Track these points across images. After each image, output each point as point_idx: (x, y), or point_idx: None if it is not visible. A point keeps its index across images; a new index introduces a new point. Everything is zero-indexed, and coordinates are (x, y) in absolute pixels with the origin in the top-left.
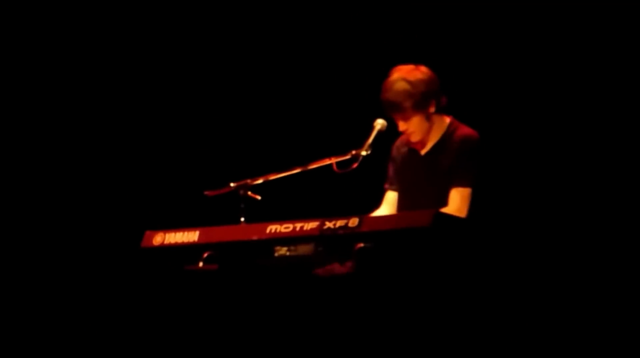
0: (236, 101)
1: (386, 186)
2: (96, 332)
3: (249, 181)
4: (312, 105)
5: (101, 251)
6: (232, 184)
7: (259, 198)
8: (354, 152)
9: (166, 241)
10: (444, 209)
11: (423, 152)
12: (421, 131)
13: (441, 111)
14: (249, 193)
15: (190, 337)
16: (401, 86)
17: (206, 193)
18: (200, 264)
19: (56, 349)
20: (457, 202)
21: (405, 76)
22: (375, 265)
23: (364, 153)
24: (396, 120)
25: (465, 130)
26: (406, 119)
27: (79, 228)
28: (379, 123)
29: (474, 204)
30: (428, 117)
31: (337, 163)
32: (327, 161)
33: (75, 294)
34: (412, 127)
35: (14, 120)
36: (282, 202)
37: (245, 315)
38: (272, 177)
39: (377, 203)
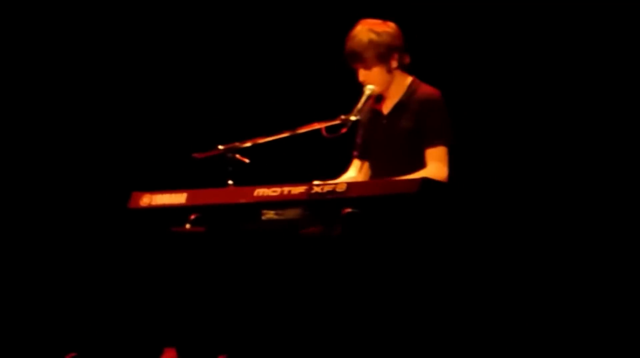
0: (227, 65)
1: (354, 153)
2: (84, 291)
3: (237, 144)
4: (302, 69)
5: (89, 211)
6: (220, 147)
7: (247, 161)
8: (343, 117)
9: (153, 203)
10: (422, 171)
11: (385, 111)
12: (380, 83)
13: (404, 69)
14: (237, 156)
15: (177, 298)
16: (365, 35)
17: (194, 155)
18: (188, 226)
19: (44, 308)
20: (433, 162)
21: (370, 26)
22: (362, 230)
23: (353, 118)
24: (357, 69)
25: (425, 89)
26: (367, 67)
27: (67, 187)
28: (369, 88)
29: (458, 172)
30: (389, 71)
31: (326, 128)
32: (316, 126)
33: (63, 253)
34: (372, 77)
35: None
36: (270, 166)
37: (231, 278)
38: (261, 140)
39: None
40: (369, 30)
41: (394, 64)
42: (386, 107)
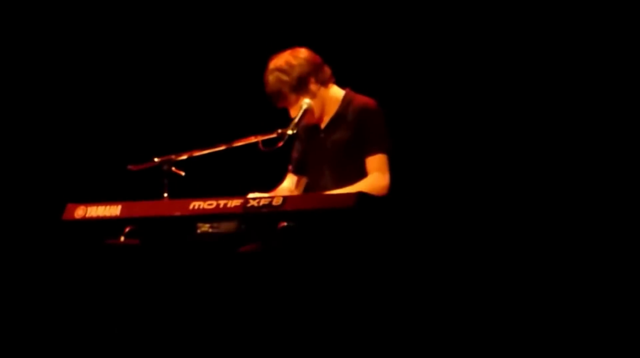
0: (165, 76)
1: (289, 167)
2: (16, 304)
3: (173, 156)
4: (240, 82)
5: (23, 222)
6: (156, 159)
7: (182, 173)
8: (279, 131)
9: (88, 215)
10: (362, 181)
11: (322, 126)
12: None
13: (333, 82)
14: (173, 168)
15: (109, 311)
16: (274, 76)
17: (130, 167)
18: (122, 238)
19: None
20: (374, 171)
21: (276, 65)
22: (298, 244)
23: (289, 131)
24: (286, 108)
25: (360, 99)
26: (291, 104)
27: (2, 199)
28: (306, 102)
29: (397, 186)
30: (315, 95)
31: (263, 141)
32: (252, 139)
33: None
34: (299, 109)
35: None
36: (206, 179)
37: (165, 291)
38: (197, 153)
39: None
40: (274, 71)
41: (314, 87)
42: (323, 122)
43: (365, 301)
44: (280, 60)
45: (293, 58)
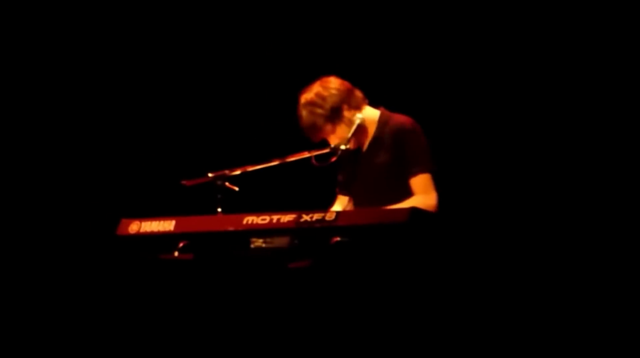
0: (218, 91)
1: (337, 190)
2: (72, 319)
3: (227, 171)
4: (293, 98)
5: (78, 238)
6: (210, 175)
7: (236, 189)
8: (332, 145)
9: (142, 230)
10: (409, 201)
11: (363, 149)
12: (350, 139)
13: (367, 104)
14: (227, 183)
15: (165, 326)
16: (307, 110)
17: (183, 182)
18: (176, 253)
19: (33, 337)
20: (419, 191)
21: (307, 99)
22: (351, 260)
23: (342, 146)
24: (325, 139)
25: (396, 119)
26: (328, 134)
27: (57, 214)
28: (359, 117)
29: (447, 199)
30: (350, 122)
31: (316, 156)
32: (305, 154)
33: (51, 281)
34: (340, 137)
35: None
36: (259, 194)
37: (219, 307)
38: (250, 168)
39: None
40: (307, 105)
41: (348, 114)
42: (364, 145)
43: (417, 315)
44: (311, 93)
45: (323, 89)
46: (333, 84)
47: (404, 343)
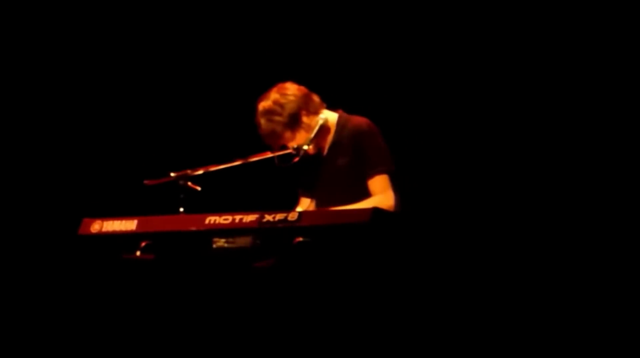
0: (182, 91)
1: (299, 191)
2: (31, 319)
3: (189, 171)
4: (253, 98)
5: (39, 237)
6: (172, 174)
7: (198, 188)
8: (295, 146)
9: (104, 229)
10: (367, 201)
11: (324, 153)
12: (312, 141)
13: (325, 108)
14: (189, 183)
15: (126, 327)
16: (265, 119)
17: (146, 182)
18: (138, 253)
19: None
20: (377, 191)
21: (265, 107)
22: (314, 260)
23: (305, 147)
24: (284, 145)
25: (354, 121)
26: (288, 140)
27: (18, 214)
28: (321, 118)
29: (406, 199)
30: (309, 127)
31: (278, 157)
32: (268, 154)
33: (13, 282)
34: (300, 141)
35: None
36: (222, 194)
37: (181, 306)
38: (213, 168)
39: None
40: (265, 113)
41: (307, 119)
42: (324, 150)
43: (380, 315)
44: (268, 101)
45: (281, 96)
46: (290, 91)
47: (365, 342)
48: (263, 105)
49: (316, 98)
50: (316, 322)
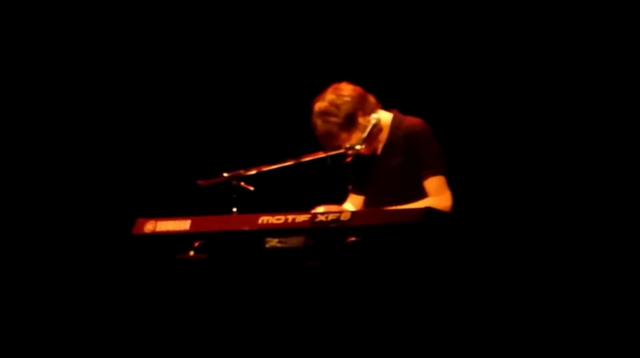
0: (235, 92)
1: (349, 188)
2: (88, 320)
3: (242, 171)
4: (308, 98)
5: (94, 237)
6: (225, 175)
7: (251, 188)
8: (347, 146)
9: (157, 229)
10: (423, 201)
11: (378, 153)
12: (365, 140)
13: (381, 108)
14: (242, 183)
15: (180, 326)
16: (322, 120)
17: (199, 182)
18: (191, 253)
19: (49, 339)
20: (433, 192)
21: (321, 107)
22: (366, 260)
23: (357, 146)
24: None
25: (407, 122)
26: (343, 141)
27: (72, 214)
28: (374, 118)
29: (461, 200)
30: (364, 128)
31: (330, 157)
32: (320, 154)
33: (67, 281)
34: (355, 142)
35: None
36: (274, 194)
37: (234, 306)
38: (265, 168)
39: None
40: (321, 114)
41: (363, 120)
42: (378, 150)
43: (430, 315)
44: (324, 102)
45: (337, 97)
46: (346, 91)
47: (414, 343)
48: (319, 106)
49: (372, 99)
50: (366, 321)
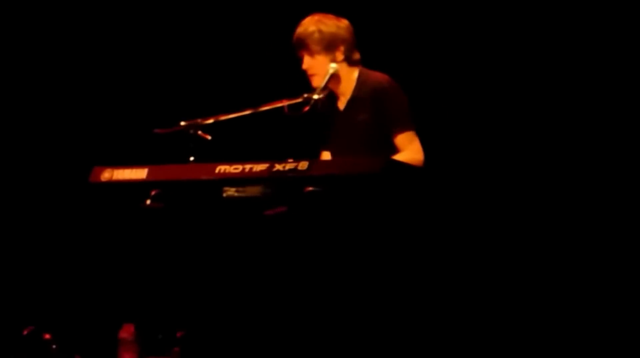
0: (191, 41)
1: (321, 146)
2: (43, 265)
3: (199, 120)
4: (266, 46)
5: (50, 185)
6: (182, 123)
7: (209, 137)
8: (305, 95)
9: (114, 178)
10: (398, 156)
11: (341, 107)
12: (323, 75)
13: (353, 64)
14: (199, 132)
15: (135, 274)
16: (313, 24)
17: (156, 130)
18: (148, 202)
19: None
20: (406, 147)
21: (320, 18)
22: (323, 209)
23: (315, 96)
24: (302, 57)
25: (374, 77)
26: (311, 55)
27: (30, 162)
28: (332, 67)
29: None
30: (326, 71)
31: (289, 106)
32: (278, 104)
33: (23, 228)
34: (315, 66)
35: None
36: (232, 143)
37: (190, 255)
38: (223, 117)
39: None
40: (317, 21)
41: (340, 56)
42: (341, 104)
43: (384, 269)
44: (325, 16)
45: (337, 20)
46: (345, 24)
47: (372, 294)
48: (319, 14)
49: (358, 54)
50: (323, 272)
